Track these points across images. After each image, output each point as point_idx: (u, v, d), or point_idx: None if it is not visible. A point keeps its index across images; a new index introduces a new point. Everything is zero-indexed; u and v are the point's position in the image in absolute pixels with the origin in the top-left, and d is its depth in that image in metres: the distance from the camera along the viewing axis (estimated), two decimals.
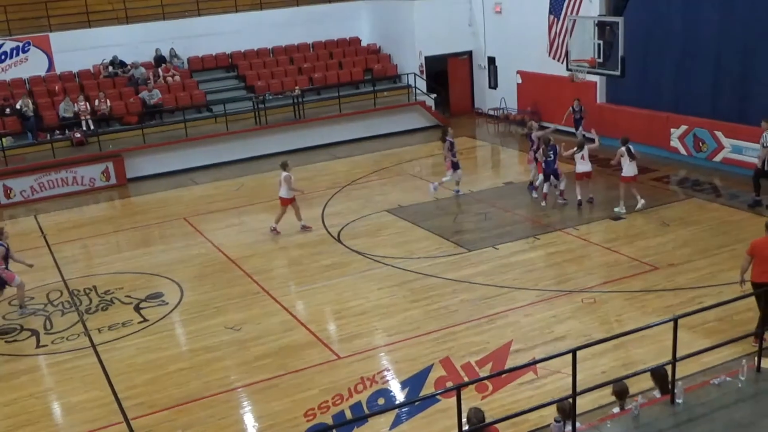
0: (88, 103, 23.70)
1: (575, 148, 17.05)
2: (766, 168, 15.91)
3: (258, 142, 24.27)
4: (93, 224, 19.14)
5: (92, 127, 23.37)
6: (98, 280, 15.09)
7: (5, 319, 13.65)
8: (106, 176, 22.35)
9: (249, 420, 10.18)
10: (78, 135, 23.05)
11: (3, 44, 24.62)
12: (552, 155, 17.04)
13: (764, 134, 15.76)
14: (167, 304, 13.75)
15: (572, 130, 21.95)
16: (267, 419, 9.97)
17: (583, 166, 16.96)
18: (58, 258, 16.58)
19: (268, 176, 21.84)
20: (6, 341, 12.81)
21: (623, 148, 16.19)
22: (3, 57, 24.72)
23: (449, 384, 10.13)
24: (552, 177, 17.24)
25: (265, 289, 14.00)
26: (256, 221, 17.83)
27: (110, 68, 25.61)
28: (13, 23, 24.88)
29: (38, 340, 12.71)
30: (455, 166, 18.36)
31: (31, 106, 23.26)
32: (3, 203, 21.19)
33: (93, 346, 12.32)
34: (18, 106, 23.15)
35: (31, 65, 25.00)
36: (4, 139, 22.46)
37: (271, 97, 25.27)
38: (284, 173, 16.46)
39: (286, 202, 16.58)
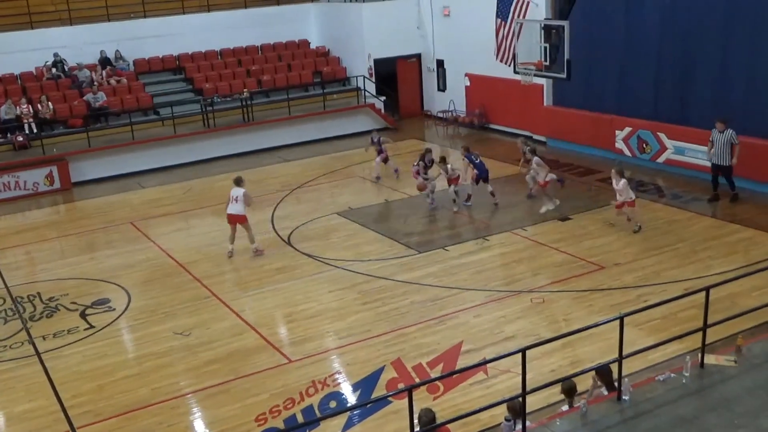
0: (30, 106, 23.18)
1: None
2: (717, 162, 16.38)
3: (206, 145, 24.03)
4: (36, 229, 18.71)
5: (35, 131, 22.87)
6: (42, 286, 14.76)
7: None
8: (50, 180, 21.87)
9: (199, 426, 10.07)
10: (20, 138, 22.52)
11: None
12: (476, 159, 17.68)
13: (712, 131, 16.30)
14: (114, 310, 13.51)
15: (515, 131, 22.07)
16: (217, 425, 9.87)
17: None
18: (0, 264, 16.16)
19: (216, 179, 21.68)
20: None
21: (538, 158, 16.76)
22: None
23: (401, 385, 10.16)
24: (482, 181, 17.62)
25: (215, 294, 13.87)
26: (204, 225, 17.67)
27: (53, 70, 25.08)
28: None
29: None
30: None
31: None
32: None
33: (37, 354, 12.03)
34: None
35: None
36: None
37: (219, 100, 25.04)
38: (242, 189, 15.38)
39: (242, 220, 15.41)
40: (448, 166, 17.35)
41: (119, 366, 11.54)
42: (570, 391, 8.34)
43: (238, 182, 15.64)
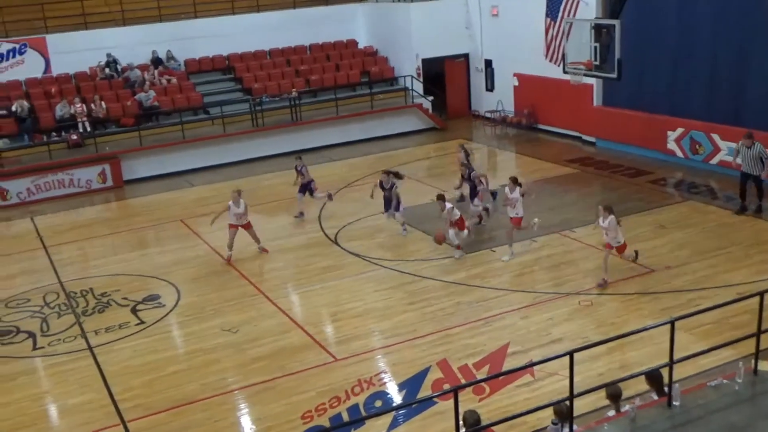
0: (84, 105, 23.68)
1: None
2: (747, 171, 15.94)
3: (254, 145, 24.26)
4: (89, 226, 19.11)
5: (88, 129, 23.34)
6: (95, 282, 15.07)
7: (2, 321, 13.61)
8: (103, 178, 22.33)
9: (246, 422, 10.17)
10: (74, 137, 23.01)
11: None
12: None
13: (740, 144, 15.90)
14: (164, 306, 13.73)
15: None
16: (264, 422, 9.96)
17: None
18: (54, 260, 16.55)
19: (264, 178, 21.90)
20: (2, 343, 12.77)
21: (519, 189, 14.68)
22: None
23: (446, 386, 10.13)
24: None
25: (262, 292, 14.00)
26: (252, 223, 17.80)
27: (107, 70, 25.58)
28: (10, 25, 24.84)
29: (35, 343, 12.68)
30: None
31: (27, 107, 23.23)
32: (0, 205, 21.15)
33: (90, 348, 12.30)
34: (14, 108, 23.11)
35: (28, 67, 24.96)
36: (0, 141, 22.41)
37: (267, 100, 25.26)
38: (242, 201, 15.44)
39: (248, 226, 15.60)
40: (448, 205, 14.78)
41: (168, 361, 11.72)
42: (616, 396, 8.22)
43: (239, 193, 15.57)
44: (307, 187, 17.88)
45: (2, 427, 10.26)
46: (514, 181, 14.69)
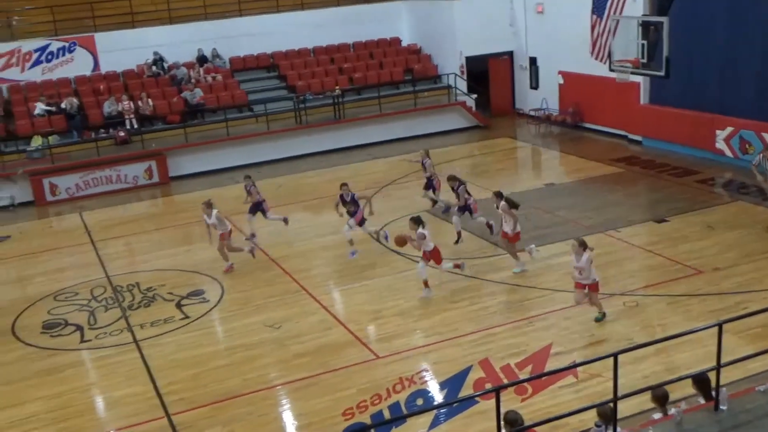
0: (131, 102, 24.06)
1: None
2: None
3: (298, 142, 24.42)
4: (136, 222, 19.43)
5: (136, 126, 23.72)
6: (141, 276, 15.31)
7: (50, 314, 13.91)
8: (149, 174, 22.68)
9: (288, 418, 10.24)
10: (122, 134, 23.40)
11: (49, 45, 25.10)
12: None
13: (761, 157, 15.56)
14: (208, 301, 13.89)
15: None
16: (306, 417, 10.02)
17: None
18: (102, 254, 16.86)
19: (307, 176, 22.02)
20: (51, 336, 13.05)
21: (504, 203, 13.80)
22: (50, 57, 25.20)
23: (488, 386, 10.08)
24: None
25: (305, 288, 14.08)
26: (295, 220, 17.90)
27: (153, 68, 25.96)
28: (60, 24, 25.35)
29: (82, 335, 12.94)
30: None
31: (76, 105, 23.70)
32: (49, 200, 21.62)
33: (135, 341, 12.50)
34: (64, 105, 23.60)
35: (77, 65, 25.46)
36: (50, 138, 22.90)
37: (311, 97, 25.40)
38: (214, 211, 15.02)
39: (222, 237, 15.04)
40: (421, 231, 12.92)
41: (212, 356, 11.85)
42: (662, 399, 8.09)
43: (209, 205, 15.16)
44: (258, 207, 16.70)
45: (51, 418, 10.48)
46: (498, 196, 13.87)
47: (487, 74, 27.79)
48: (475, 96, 26.96)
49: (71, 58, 25.42)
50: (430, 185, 17.79)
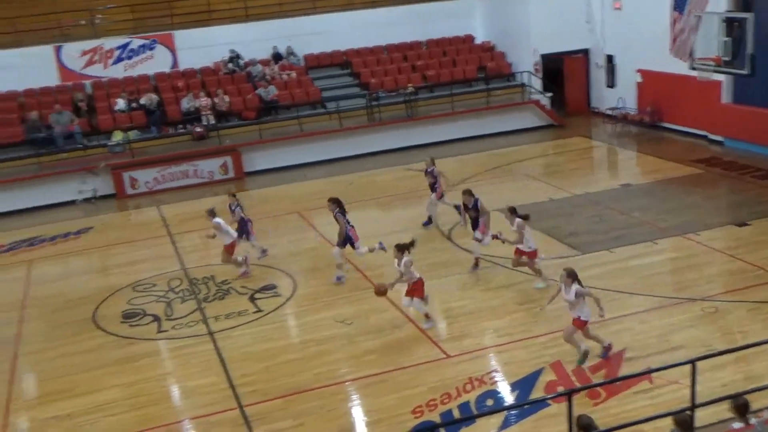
0: (208, 99, 24.56)
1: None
2: None
3: (370, 139, 24.53)
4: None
5: (212, 122, 24.20)
6: (216, 270, 15.61)
7: (129, 304, 14.32)
8: (225, 170, 23.12)
9: (357, 413, 10.31)
10: (199, 129, 23.91)
11: (130, 42, 25.83)
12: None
13: None
14: (280, 295, 14.09)
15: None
16: (375, 414, 10.06)
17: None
18: (178, 247, 17.27)
19: (379, 173, 22.09)
20: (130, 325, 13.44)
21: (520, 220, 13.03)
22: (131, 54, 25.94)
23: (560, 389, 9.95)
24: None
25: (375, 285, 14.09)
26: (366, 218, 17.97)
27: (230, 65, 26.44)
28: (140, 22, 26.09)
29: (159, 326, 13.28)
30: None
31: (155, 101, 24.33)
32: (129, 193, 22.28)
33: (210, 333, 12.77)
34: (143, 101, 24.25)
35: (157, 62, 26.14)
36: (130, 133, 23.57)
37: (384, 95, 25.47)
38: (215, 220, 14.83)
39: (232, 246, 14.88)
40: (407, 259, 11.99)
41: (284, 350, 12.02)
42: (742, 408, 7.83)
43: (212, 213, 14.96)
44: (243, 228, 15.42)
45: (128, 404, 10.79)
46: (512, 211, 13.08)
47: (561, 72, 27.37)
48: (550, 94, 26.60)
49: (151, 56, 26.11)
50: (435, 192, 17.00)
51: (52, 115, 23.15)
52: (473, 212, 14.34)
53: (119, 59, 25.85)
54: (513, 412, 9.60)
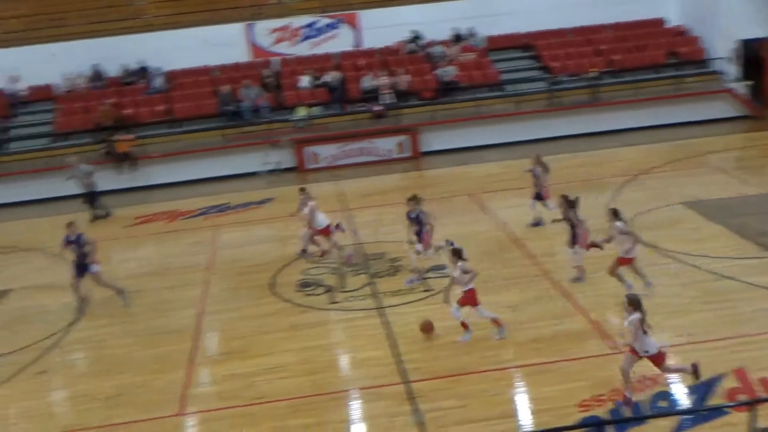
0: (389, 78, 24.94)
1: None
2: None
3: (549, 124, 24.03)
4: (386, 193, 20.18)
5: (391, 101, 24.57)
6: (388, 246, 15.89)
7: (305, 275, 14.88)
8: (401, 149, 23.48)
9: (521, 401, 10.16)
10: (378, 108, 24.36)
11: (317, 21, 26.67)
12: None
13: None
14: (449, 276, 14.08)
15: None
16: (539, 403, 9.88)
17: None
18: (354, 222, 17.72)
19: (556, 159, 21.50)
20: (305, 294, 13.97)
21: (621, 224, 12.24)
22: (317, 33, 26.80)
23: (742, 397, 9.32)
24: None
25: (545, 273, 13.84)
26: (541, 204, 17.63)
27: (411, 45, 26.69)
28: (327, 1, 26.80)
29: (332, 297, 13.71)
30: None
31: (338, 78, 25.02)
32: (310, 167, 23.16)
33: (380, 308, 13.04)
34: (327, 79, 25.02)
35: (341, 41, 26.85)
36: (313, 109, 24.42)
37: (566, 79, 24.79)
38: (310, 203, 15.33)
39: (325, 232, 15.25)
40: (462, 265, 11.49)
41: (450, 330, 12.00)
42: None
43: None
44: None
45: (300, 369, 11.23)
46: (614, 214, 12.27)
47: (761, 59, 25.42)
48: (749, 83, 24.75)
49: (336, 35, 26.85)
50: (539, 196, 16.30)
51: (242, 90, 24.42)
52: (415, 224, 13.84)
53: (306, 37, 26.78)
54: (688, 417, 9.10)
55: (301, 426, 9.80)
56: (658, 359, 9.37)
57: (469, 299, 11.54)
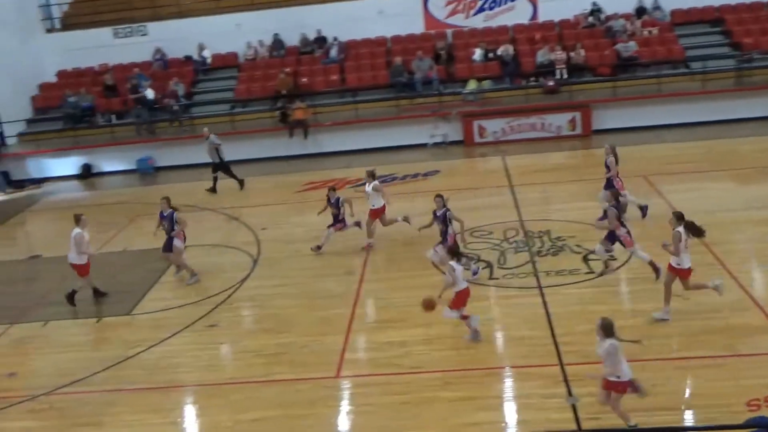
0: (563, 52, 24.19)
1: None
2: None
3: (737, 105, 22.46)
4: (553, 171, 19.70)
5: (565, 76, 23.85)
6: (552, 225, 15.53)
7: (466, 249, 14.80)
8: (572, 125, 22.77)
9: (682, 393, 9.66)
10: (551, 83, 23.73)
11: None
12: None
13: None
14: (615, 259, 13.56)
15: None
16: (703, 398, 9.36)
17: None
18: (518, 199, 17.44)
19: (742, 142, 20.16)
20: (465, 268, 13.89)
21: (683, 230, 11.01)
22: (492, 5, 26.41)
23: None
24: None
25: (722, 262, 13.01)
26: (719, 189, 16.59)
27: (590, 18, 25.72)
28: None
29: (491, 272, 13.61)
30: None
31: (511, 52, 24.57)
32: (477, 141, 22.99)
33: (539, 287, 12.78)
34: (500, 52, 24.64)
35: (517, 13, 26.33)
36: (484, 82, 24.16)
37: (758, 56, 23.01)
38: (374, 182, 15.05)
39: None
40: (454, 266, 11.13)
41: (611, 315, 11.42)
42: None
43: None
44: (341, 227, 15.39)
45: (453, 343, 11.26)
46: (679, 218, 11.07)
47: None
48: None
49: (512, 7, 26.33)
50: (609, 185, 14.85)
51: (415, 62, 24.54)
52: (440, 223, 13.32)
53: (481, 9, 26.46)
54: None
55: (451, 399, 9.83)
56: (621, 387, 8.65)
57: (458, 301, 11.08)
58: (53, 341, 13.14)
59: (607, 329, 8.60)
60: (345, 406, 10.23)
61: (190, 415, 10.68)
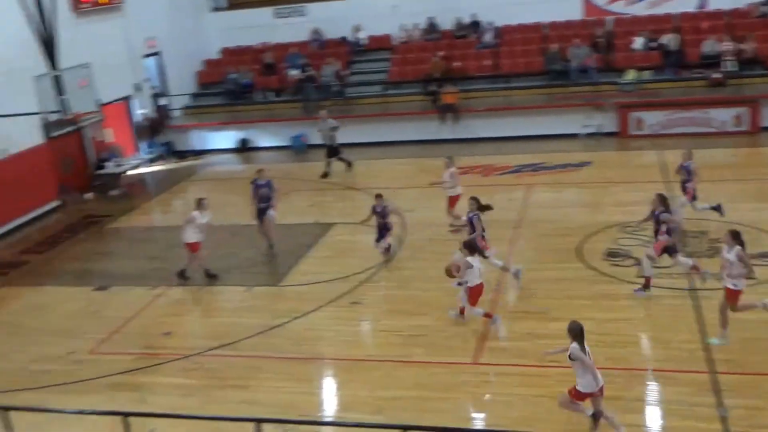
0: (732, 44, 22.82)
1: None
2: None
3: None
4: (714, 169, 18.59)
5: (733, 69, 22.51)
6: (710, 225, 14.79)
7: (615, 244, 14.38)
8: (738, 121, 21.49)
9: None
10: (717, 75, 22.46)
11: None
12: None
13: None
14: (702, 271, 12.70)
15: None
16: None
17: None
18: (670, 196, 16.63)
19: None
20: (612, 264, 13.51)
21: (741, 249, 10.25)
22: None
23: None
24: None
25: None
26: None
27: (764, 8, 24.11)
28: None
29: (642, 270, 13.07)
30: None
31: (675, 42, 23.44)
32: (632, 134, 22.15)
33: (692, 289, 12.22)
34: (663, 41, 23.56)
35: (683, 1, 25.01)
36: (644, 72, 23.20)
37: None
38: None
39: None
40: (471, 261, 11.36)
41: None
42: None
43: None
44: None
45: (595, 340, 10.78)
46: (734, 236, 10.22)
47: None
48: None
49: None
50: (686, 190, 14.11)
51: (571, 49, 23.88)
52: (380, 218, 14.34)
53: None
54: None
55: None
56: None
57: (471, 297, 11.43)
58: (207, 305, 13.90)
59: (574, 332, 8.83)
60: (481, 393, 10.21)
61: (330, 386, 11.02)
